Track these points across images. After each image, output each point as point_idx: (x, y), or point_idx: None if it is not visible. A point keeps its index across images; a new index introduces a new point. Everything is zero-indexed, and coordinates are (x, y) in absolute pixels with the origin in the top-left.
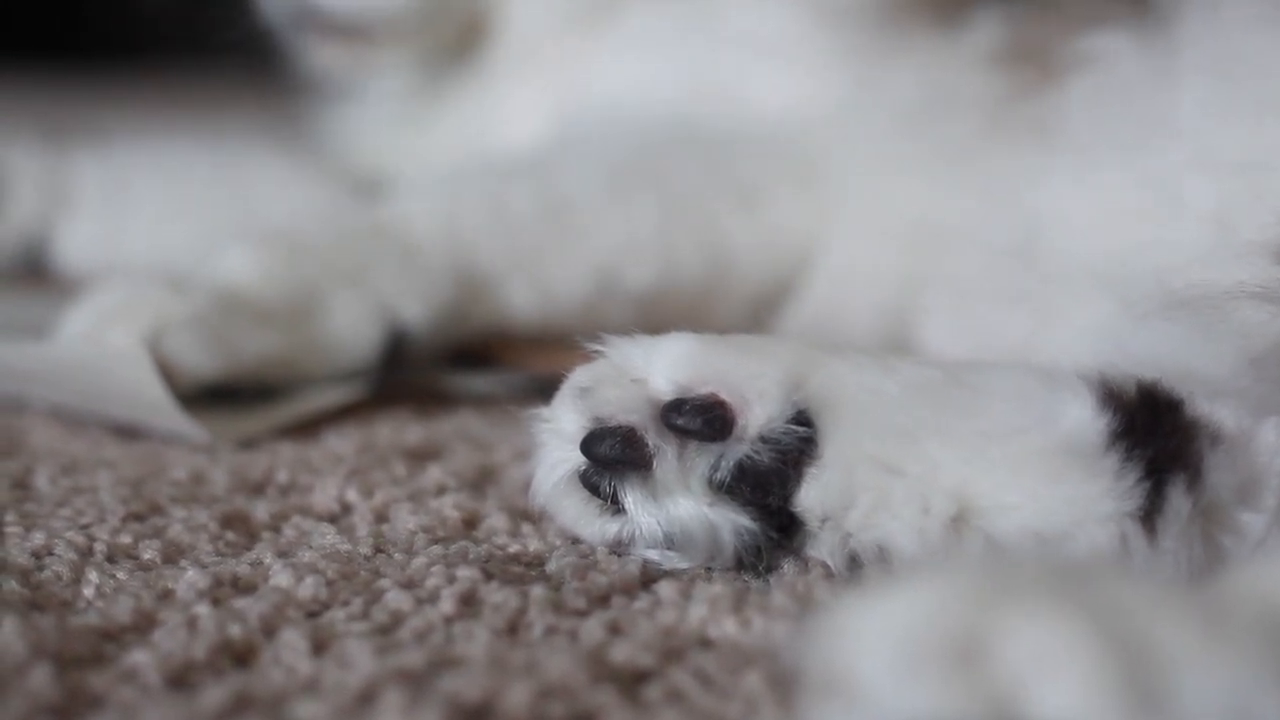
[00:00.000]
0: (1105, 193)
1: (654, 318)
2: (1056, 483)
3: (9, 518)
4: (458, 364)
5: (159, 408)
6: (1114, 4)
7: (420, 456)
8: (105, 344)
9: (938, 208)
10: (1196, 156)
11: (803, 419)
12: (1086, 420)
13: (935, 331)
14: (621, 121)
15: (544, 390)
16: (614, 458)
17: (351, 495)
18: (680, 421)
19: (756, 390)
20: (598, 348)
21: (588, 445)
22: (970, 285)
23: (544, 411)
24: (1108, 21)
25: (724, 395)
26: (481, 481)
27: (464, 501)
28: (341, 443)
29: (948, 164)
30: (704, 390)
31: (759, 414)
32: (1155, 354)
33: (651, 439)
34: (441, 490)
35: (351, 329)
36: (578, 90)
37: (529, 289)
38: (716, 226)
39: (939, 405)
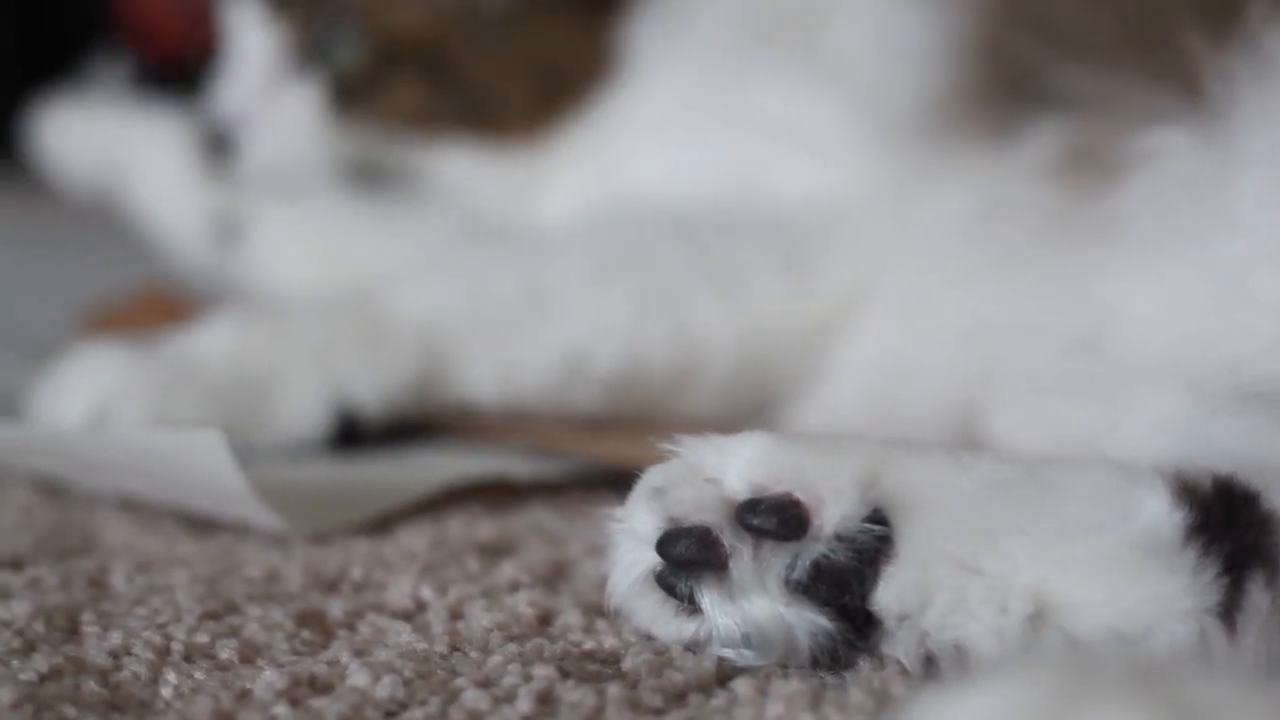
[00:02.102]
0: (1171, 285)
1: (623, 402)
2: (1134, 579)
3: (86, 617)
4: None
5: (236, 497)
6: (1169, 101)
7: (493, 552)
8: (180, 433)
9: (999, 305)
10: (1260, 247)
11: (879, 517)
12: (1163, 516)
13: (1002, 425)
14: (631, 207)
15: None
16: (690, 558)
17: (426, 592)
18: (755, 521)
19: (831, 489)
20: (671, 447)
21: (663, 546)
22: (1037, 379)
23: (618, 511)
24: (1163, 119)
25: (799, 494)
26: (555, 577)
27: (538, 598)
28: (414, 538)
29: (1007, 264)
30: (779, 489)
31: (834, 513)
32: (1230, 446)
33: (727, 539)
34: (515, 586)
35: (298, 408)
36: (606, 174)
37: (494, 373)
38: (690, 314)
39: (1015, 502)
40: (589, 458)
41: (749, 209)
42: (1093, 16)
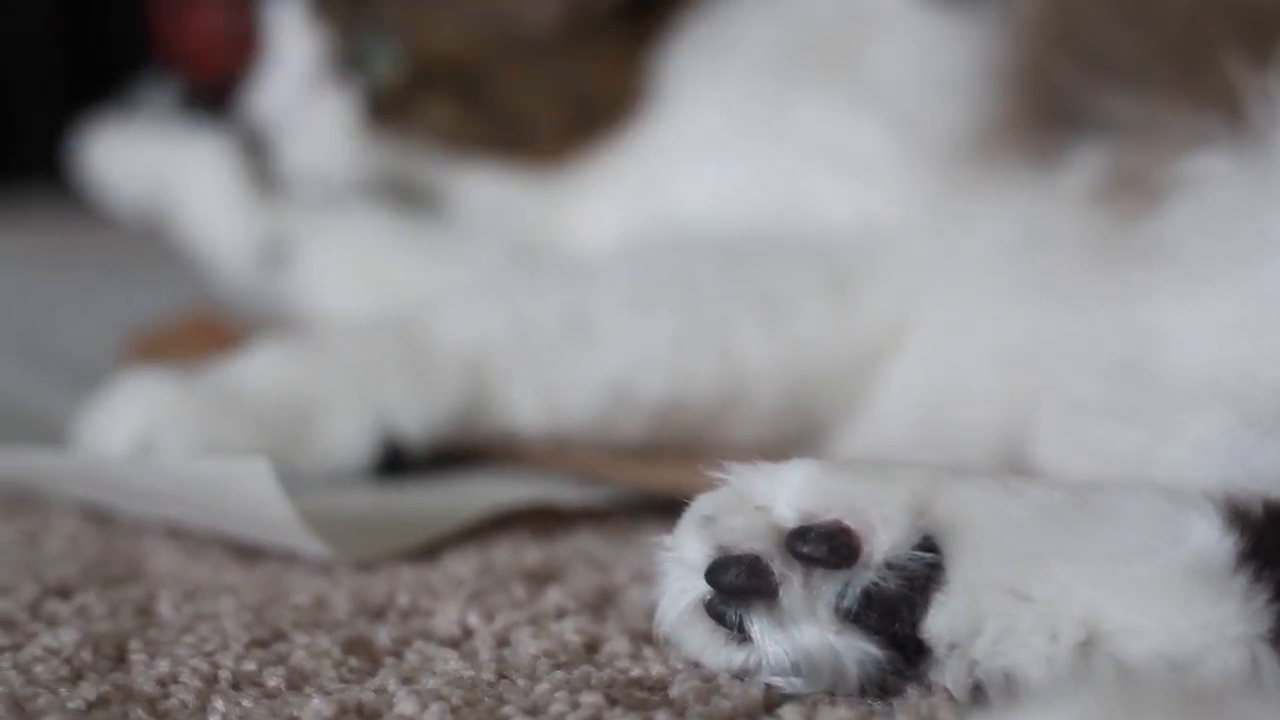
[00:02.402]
0: (1216, 308)
1: (667, 431)
2: (1185, 605)
3: (134, 645)
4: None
5: (282, 525)
6: (1210, 125)
7: (540, 578)
8: (227, 461)
9: (1043, 329)
10: None
11: (929, 544)
12: (1213, 541)
13: (1048, 449)
14: (675, 232)
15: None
16: (739, 586)
17: (473, 619)
18: (805, 549)
19: (881, 516)
20: (720, 475)
21: (713, 574)
22: (1082, 403)
23: (666, 539)
24: (1205, 143)
25: (849, 522)
26: (602, 604)
27: (585, 625)
28: (461, 565)
29: (1051, 289)
30: (829, 517)
31: (884, 540)
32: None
33: (777, 567)
34: (562, 613)
35: (343, 436)
36: (646, 198)
37: (538, 400)
38: (735, 341)
39: (1065, 528)
40: (635, 484)
41: (793, 233)
42: (1133, 41)
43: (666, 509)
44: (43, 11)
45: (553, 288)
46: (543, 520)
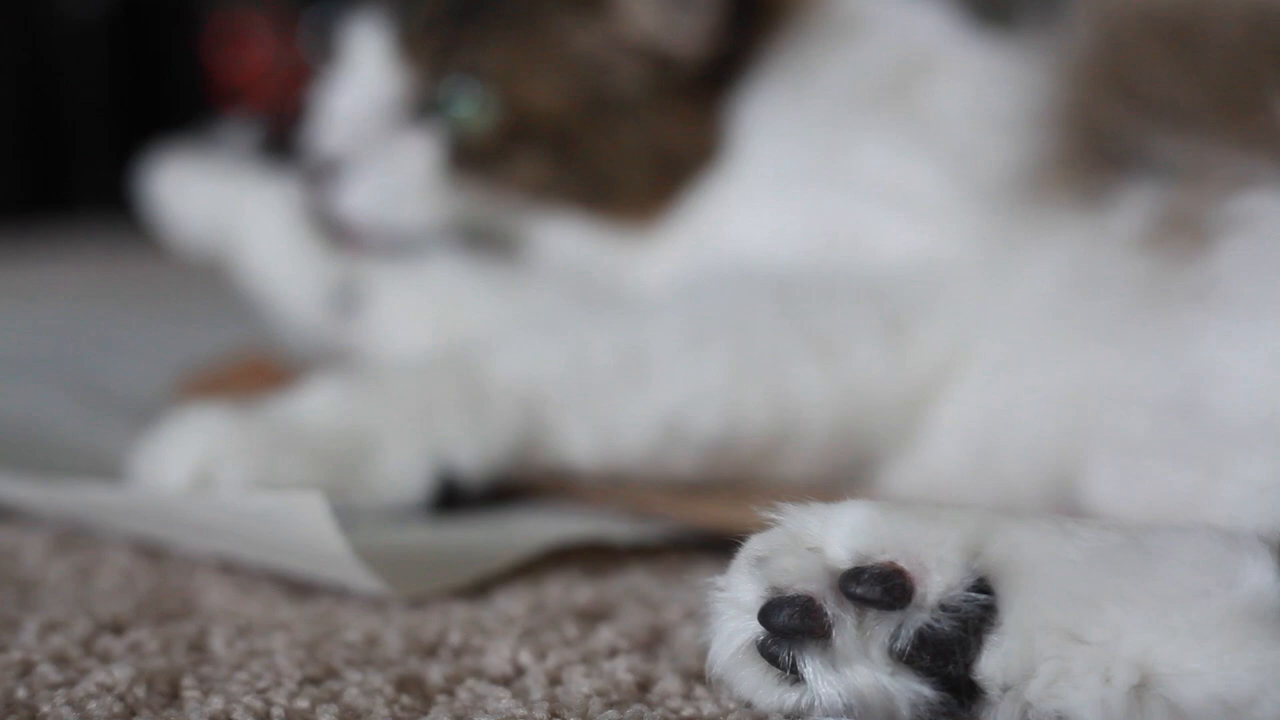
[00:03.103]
0: (1269, 347)
1: (719, 467)
2: (1239, 648)
3: (187, 681)
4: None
5: (337, 560)
6: (1261, 165)
7: (591, 616)
8: (282, 496)
9: (1095, 369)
10: None
11: (983, 586)
12: (1268, 583)
13: (1099, 488)
14: (730, 270)
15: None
16: (793, 627)
17: (524, 657)
18: (859, 590)
19: (935, 557)
20: (772, 515)
21: (765, 615)
22: (1134, 442)
23: (719, 580)
24: (1255, 183)
25: (902, 563)
26: (653, 642)
27: (637, 664)
28: (512, 602)
29: (1102, 329)
30: (882, 558)
31: (938, 581)
32: None
33: (830, 608)
34: (614, 652)
35: (400, 472)
36: (706, 238)
37: (593, 437)
38: (788, 380)
39: (1120, 570)
40: (688, 521)
41: (848, 271)
42: (1183, 81)
43: (718, 546)
44: (98, 45)
45: (609, 325)
46: (594, 557)
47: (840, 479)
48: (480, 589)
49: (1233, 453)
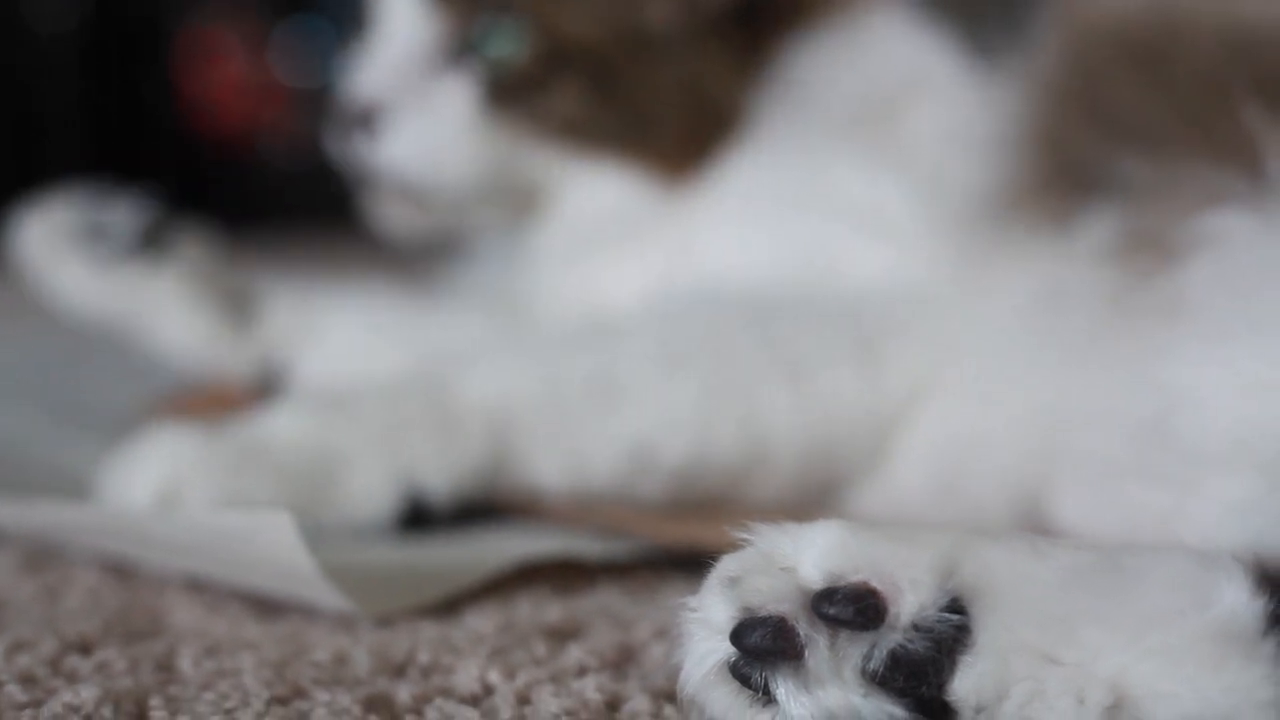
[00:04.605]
0: (1239, 366)
1: (688, 492)
2: (1214, 669)
3: (154, 701)
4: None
5: (305, 579)
6: (1230, 182)
7: (561, 635)
8: (250, 514)
9: (1063, 389)
10: None
11: (956, 606)
12: (1242, 604)
13: (1069, 510)
14: (703, 290)
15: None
16: (765, 648)
17: (493, 677)
18: (832, 611)
19: (909, 578)
20: (745, 535)
21: (738, 636)
22: (1103, 461)
23: (690, 600)
24: (1224, 199)
25: (875, 583)
26: (623, 661)
27: (606, 683)
28: (481, 620)
29: (1071, 348)
30: (855, 578)
31: (912, 601)
32: None
33: (803, 629)
34: (583, 671)
35: (367, 492)
36: (676, 255)
37: (561, 462)
38: (759, 406)
39: (1094, 591)
40: (659, 540)
41: (821, 295)
42: (1152, 100)
43: (689, 564)
44: (69, 58)
45: (581, 346)
46: (564, 574)
47: (809, 501)
48: (450, 607)
49: (1204, 473)
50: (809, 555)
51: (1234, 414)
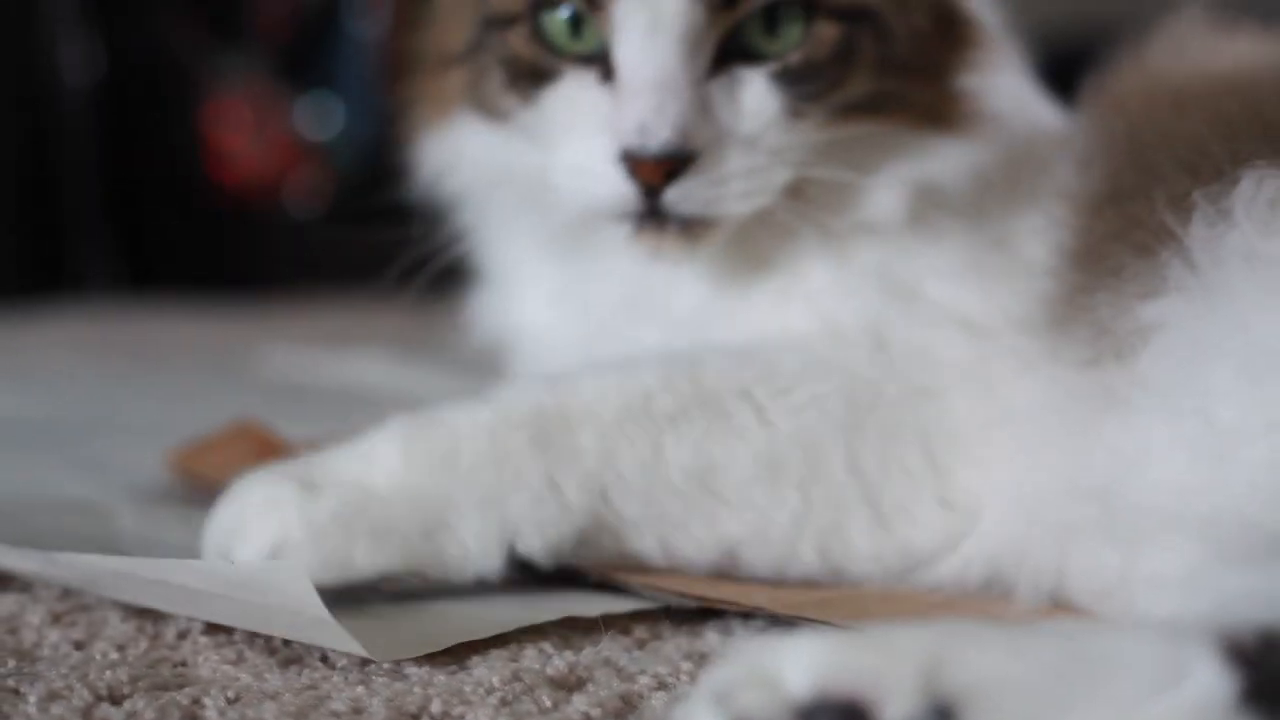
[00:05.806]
0: (1180, 442)
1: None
2: None
3: None
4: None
5: (320, 626)
6: (1168, 270)
7: (565, 686)
8: (266, 564)
9: (1062, 472)
10: (1242, 412)
11: (942, 710)
12: (1213, 681)
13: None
14: (803, 360)
15: None
16: None
17: None
18: None
19: (891, 688)
20: (732, 649)
21: None
22: (1066, 530)
23: (677, 713)
24: (1163, 289)
25: (859, 695)
26: (624, 711)
27: None
28: (490, 671)
29: (1070, 437)
30: (839, 691)
31: (895, 712)
32: (1261, 591)
33: None
34: None
35: (475, 550)
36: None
37: (657, 547)
38: (843, 536)
39: (1068, 681)
40: (704, 598)
41: (899, 396)
42: None
43: (687, 617)
44: (91, 115)
45: (688, 431)
46: (568, 626)
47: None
48: (459, 655)
49: (1147, 540)
50: (793, 667)
51: (1171, 485)
